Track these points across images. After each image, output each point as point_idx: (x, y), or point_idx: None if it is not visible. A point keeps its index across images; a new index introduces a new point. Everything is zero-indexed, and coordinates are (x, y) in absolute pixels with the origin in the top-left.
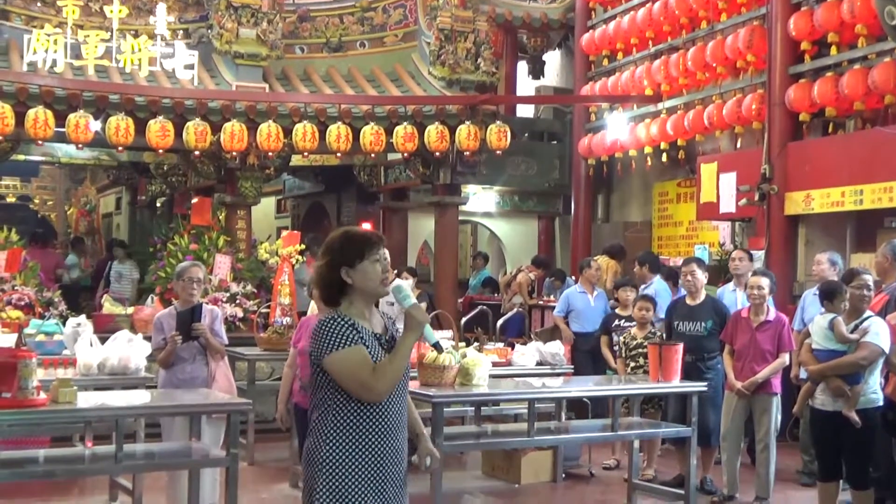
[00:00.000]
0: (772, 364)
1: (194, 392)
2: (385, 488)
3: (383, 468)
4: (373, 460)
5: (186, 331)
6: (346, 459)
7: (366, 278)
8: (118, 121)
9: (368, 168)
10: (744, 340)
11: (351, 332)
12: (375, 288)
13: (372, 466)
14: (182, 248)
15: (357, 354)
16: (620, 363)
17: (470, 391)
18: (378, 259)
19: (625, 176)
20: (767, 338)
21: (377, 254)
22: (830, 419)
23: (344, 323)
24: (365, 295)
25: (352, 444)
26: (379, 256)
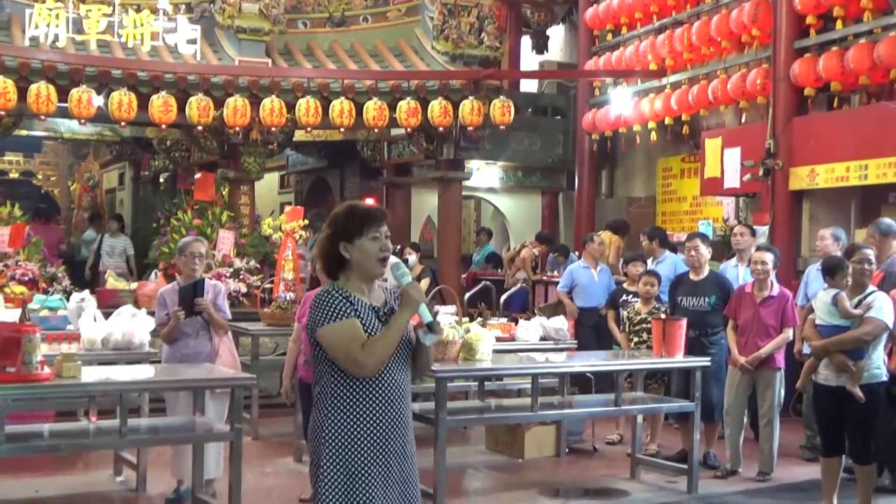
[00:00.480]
0: (775, 339)
1: (198, 367)
2: (389, 460)
3: (386, 440)
4: (375, 432)
5: (189, 306)
6: (349, 432)
7: (363, 255)
8: (121, 96)
9: (372, 143)
10: (747, 316)
11: (344, 305)
12: (372, 266)
13: (375, 438)
14: (185, 224)
15: (348, 328)
16: (623, 338)
17: (473, 366)
18: (377, 237)
19: (629, 151)
20: (771, 313)
21: (376, 231)
22: (834, 394)
23: (338, 295)
24: (362, 271)
25: (354, 416)
26: (379, 234)
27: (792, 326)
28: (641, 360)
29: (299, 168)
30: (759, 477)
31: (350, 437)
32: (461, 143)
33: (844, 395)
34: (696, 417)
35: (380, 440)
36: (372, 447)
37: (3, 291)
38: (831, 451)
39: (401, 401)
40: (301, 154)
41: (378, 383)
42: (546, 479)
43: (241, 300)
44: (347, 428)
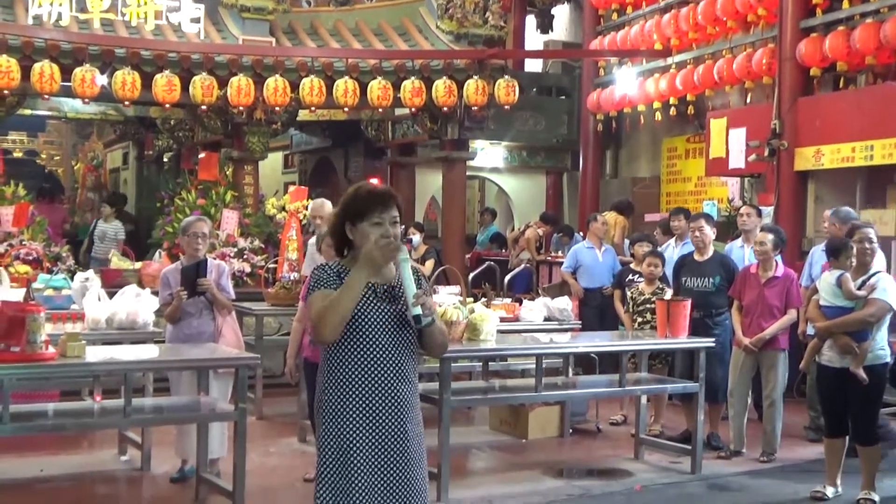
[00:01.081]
0: (780, 320)
1: (202, 347)
2: (386, 441)
3: (382, 421)
4: (370, 412)
5: (192, 286)
6: (344, 411)
7: (364, 239)
8: (124, 75)
9: (376, 123)
10: (752, 296)
11: (329, 278)
12: (369, 248)
13: (370, 419)
14: (189, 203)
15: (321, 296)
16: (627, 318)
17: (478, 346)
18: (379, 222)
19: (633, 131)
20: (775, 294)
21: (378, 216)
22: (838, 376)
23: (330, 270)
24: (367, 254)
25: (349, 395)
26: (382, 219)
27: (796, 307)
28: (645, 340)
29: (303, 148)
30: (763, 458)
31: (344, 416)
32: (465, 122)
33: (848, 376)
34: (700, 398)
35: (375, 421)
36: (366, 427)
37: (8, 271)
38: (835, 432)
39: (399, 382)
40: (305, 134)
41: (375, 363)
42: (550, 459)
43: (244, 280)
44: (342, 407)
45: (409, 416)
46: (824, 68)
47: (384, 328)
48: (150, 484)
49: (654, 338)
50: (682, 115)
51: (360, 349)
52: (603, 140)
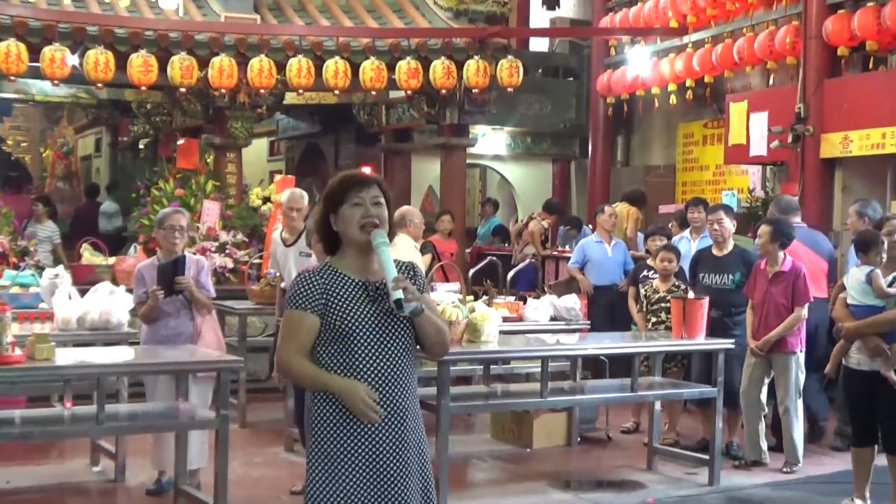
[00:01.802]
0: (786, 320)
1: (180, 349)
2: (379, 451)
3: (375, 429)
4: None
5: (169, 283)
6: (334, 418)
7: (345, 223)
8: (97, 55)
9: (368, 107)
10: (760, 294)
11: (312, 293)
12: (354, 234)
13: (361, 427)
14: (167, 194)
15: (295, 321)
16: (640, 318)
17: (478, 348)
18: (359, 202)
19: (646, 116)
20: (781, 291)
21: (358, 196)
22: (866, 380)
23: (314, 281)
24: (351, 242)
25: (333, 395)
26: (361, 199)
27: (804, 304)
28: (659, 341)
29: (290, 134)
30: (786, 468)
31: (335, 425)
32: (465, 106)
33: (878, 380)
34: (718, 404)
35: (368, 430)
36: (359, 437)
37: None
38: (863, 441)
39: (395, 387)
40: (292, 118)
41: (367, 367)
42: (556, 469)
43: (226, 277)
44: (333, 414)
45: (406, 425)
46: (853, 47)
47: (376, 329)
48: (124, 496)
49: (668, 339)
50: (699, 99)
51: (351, 352)
52: (614, 125)
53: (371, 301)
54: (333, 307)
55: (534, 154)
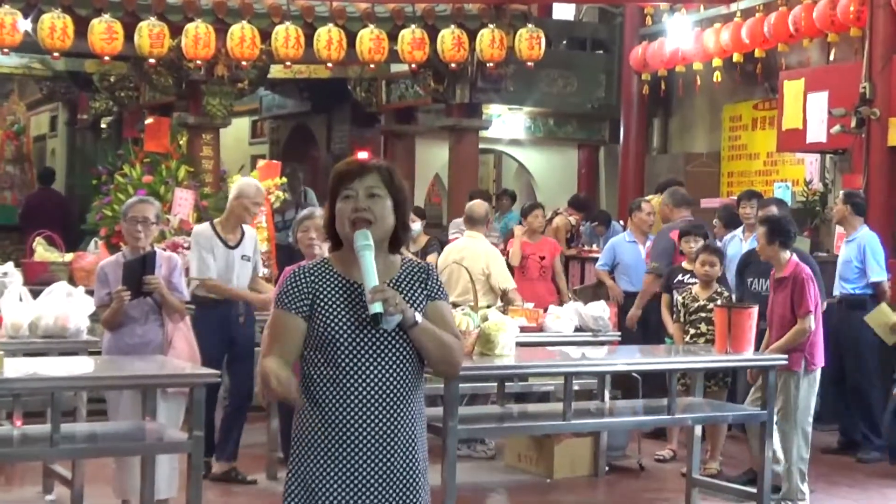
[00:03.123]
0: (787, 334)
1: (148, 360)
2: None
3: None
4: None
5: (136, 285)
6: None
7: (338, 221)
8: (53, 19)
9: (366, 83)
10: (768, 304)
11: (297, 292)
12: (344, 230)
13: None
14: (133, 181)
15: (279, 322)
16: (678, 329)
17: (491, 363)
18: (350, 195)
19: (687, 96)
20: (782, 299)
21: (348, 188)
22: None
23: (302, 278)
24: (346, 242)
25: (317, 416)
26: (352, 191)
27: (806, 314)
28: (700, 356)
29: (276, 112)
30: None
31: (314, 451)
32: (478, 83)
33: None
34: (769, 429)
35: (346, 452)
36: (335, 459)
37: None
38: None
39: (384, 406)
40: (278, 95)
41: (353, 379)
42: (580, 502)
43: None
44: (310, 427)
45: (397, 453)
46: None
47: (367, 338)
48: None
49: (710, 353)
50: (748, 76)
51: (336, 363)
52: (649, 106)
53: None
54: (319, 309)
55: (557, 139)
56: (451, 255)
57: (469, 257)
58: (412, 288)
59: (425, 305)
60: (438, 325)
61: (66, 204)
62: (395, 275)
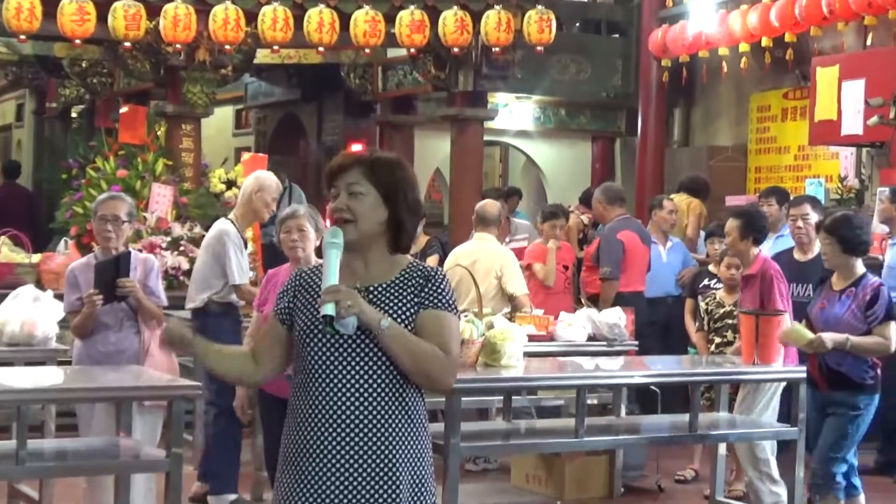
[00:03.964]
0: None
1: (122, 370)
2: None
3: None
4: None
5: (109, 288)
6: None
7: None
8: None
9: (361, 69)
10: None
11: (282, 294)
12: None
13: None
14: (106, 175)
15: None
16: (701, 338)
17: (497, 374)
18: (335, 193)
19: (711, 83)
20: (750, 298)
21: (335, 184)
22: None
23: (289, 281)
24: None
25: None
26: (337, 186)
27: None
28: (725, 368)
29: (262, 101)
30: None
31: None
32: (483, 69)
33: None
34: (799, 448)
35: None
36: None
37: None
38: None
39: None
40: (265, 82)
41: (321, 390)
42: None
43: (181, 280)
44: (286, 444)
45: (370, 469)
46: None
47: (343, 346)
48: None
49: (737, 365)
50: (778, 62)
51: (307, 372)
52: (670, 95)
53: None
54: (298, 312)
55: (569, 130)
56: (460, 258)
57: (481, 260)
58: (402, 294)
59: (414, 313)
60: (424, 335)
61: (33, 200)
62: (390, 278)
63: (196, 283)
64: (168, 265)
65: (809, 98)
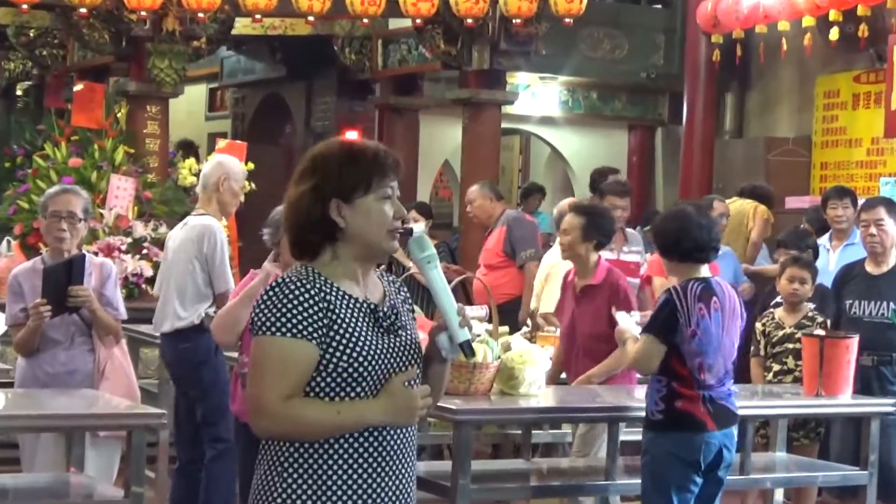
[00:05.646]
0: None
1: (73, 395)
2: None
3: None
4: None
5: (59, 297)
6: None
7: (368, 222)
8: None
9: (358, 42)
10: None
11: (307, 313)
12: (379, 241)
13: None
14: (57, 165)
15: (288, 354)
16: (757, 364)
17: (515, 404)
18: (390, 196)
19: (770, 64)
20: (591, 313)
21: (389, 186)
22: None
23: (307, 296)
24: (363, 248)
25: (313, 478)
26: (391, 190)
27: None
28: (784, 400)
29: (241, 79)
30: None
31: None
32: (501, 44)
33: None
34: (870, 495)
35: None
36: None
37: None
38: None
39: (398, 457)
40: (244, 57)
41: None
42: None
43: (143, 289)
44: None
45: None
46: None
47: (390, 373)
48: None
49: (798, 396)
50: (848, 40)
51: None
52: (721, 77)
53: (383, 332)
54: (339, 337)
55: (601, 117)
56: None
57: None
58: (404, 307)
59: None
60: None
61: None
62: (389, 288)
63: (186, 296)
64: (128, 271)
65: (886, 82)
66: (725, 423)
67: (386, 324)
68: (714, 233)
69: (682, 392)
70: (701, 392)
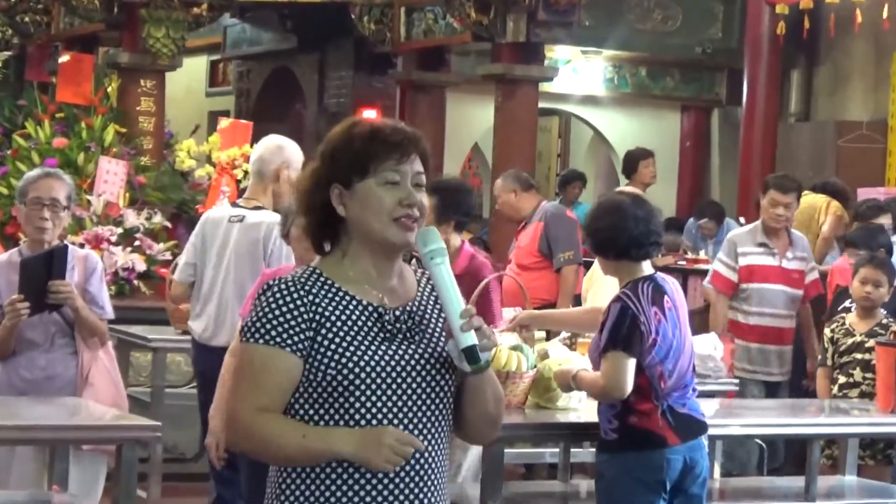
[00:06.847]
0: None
1: (54, 403)
2: None
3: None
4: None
5: (38, 293)
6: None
7: (365, 208)
8: None
9: (378, 11)
10: None
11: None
12: (381, 230)
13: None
14: (40, 145)
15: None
16: (823, 375)
17: (552, 419)
18: (396, 179)
19: (841, 38)
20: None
21: (394, 168)
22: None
23: (291, 299)
24: (368, 240)
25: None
26: (399, 172)
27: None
28: (852, 417)
29: (246, 50)
30: None
31: None
32: (539, 14)
33: None
34: None
35: None
36: None
37: None
38: None
39: (419, 480)
40: (250, 25)
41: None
42: None
43: (135, 285)
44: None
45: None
46: None
47: (396, 385)
48: None
49: (870, 412)
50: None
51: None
52: (786, 53)
53: (389, 338)
54: (327, 342)
55: (651, 97)
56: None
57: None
58: (435, 311)
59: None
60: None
61: None
62: (417, 291)
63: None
64: (118, 265)
65: None
66: (689, 434)
67: (395, 330)
68: (654, 224)
69: (636, 407)
70: (658, 403)
